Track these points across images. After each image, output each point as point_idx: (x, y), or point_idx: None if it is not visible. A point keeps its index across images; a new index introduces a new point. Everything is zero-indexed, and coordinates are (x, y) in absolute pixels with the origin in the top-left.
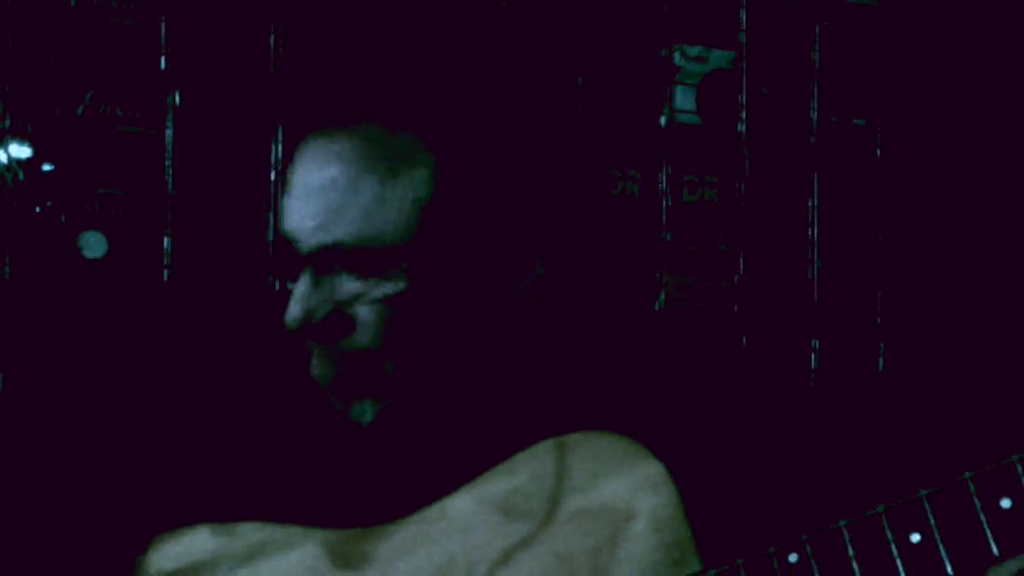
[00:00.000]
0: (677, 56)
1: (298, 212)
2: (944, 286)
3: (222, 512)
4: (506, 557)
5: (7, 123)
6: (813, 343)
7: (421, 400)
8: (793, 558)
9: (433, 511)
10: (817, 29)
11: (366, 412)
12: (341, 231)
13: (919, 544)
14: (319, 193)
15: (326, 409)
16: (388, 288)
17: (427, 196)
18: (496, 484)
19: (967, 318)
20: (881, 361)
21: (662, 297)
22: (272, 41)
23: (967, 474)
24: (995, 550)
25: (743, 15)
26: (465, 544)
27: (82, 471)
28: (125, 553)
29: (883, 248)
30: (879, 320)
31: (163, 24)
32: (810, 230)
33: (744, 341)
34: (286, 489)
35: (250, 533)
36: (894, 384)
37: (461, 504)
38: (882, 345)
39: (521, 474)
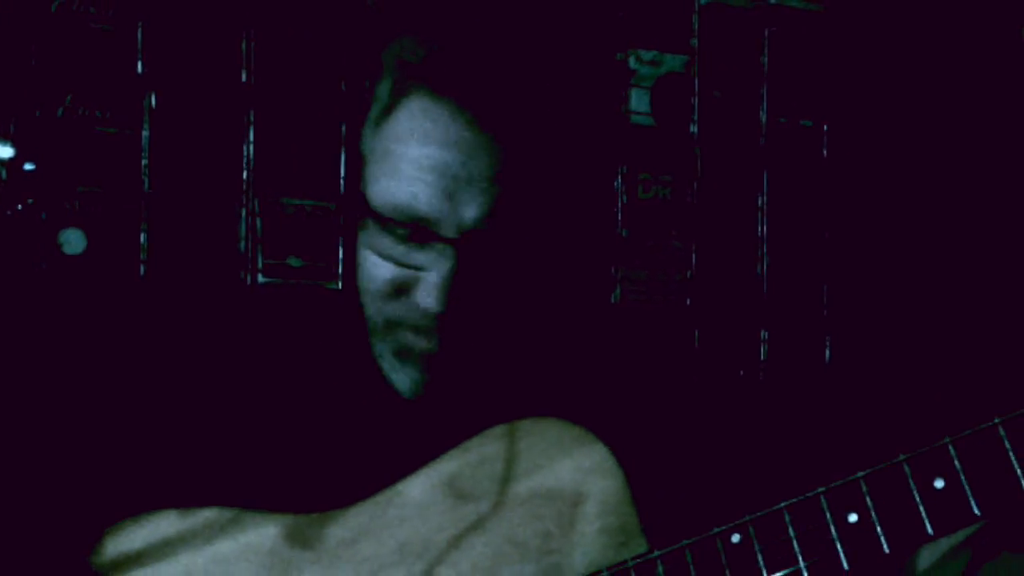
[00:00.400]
0: (632, 60)
1: (447, 194)
2: (887, 281)
3: (191, 496)
4: (459, 540)
5: None
6: (762, 335)
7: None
8: (736, 539)
9: (389, 495)
10: (766, 34)
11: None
12: (501, 218)
13: (856, 524)
14: (479, 179)
15: (295, 399)
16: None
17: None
18: (448, 468)
19: (909, 311)
20: (827, 352)
21: (618, 291)
22: (244, 45)
23: (902, 456)
24: (929, 529)
25: (695, 21)
26: (420, 527)
27: (62, 459)
28: (95, 531)
29: (829, 244)
30: (825, 313)
31: (139, 29)
32: (759, 227)
33: (696, 333)
34: (251, 475)
35: (213, 517)
36: (839, 374)
37: (415, 488)
38: (828, 337)
39: (472, 457)
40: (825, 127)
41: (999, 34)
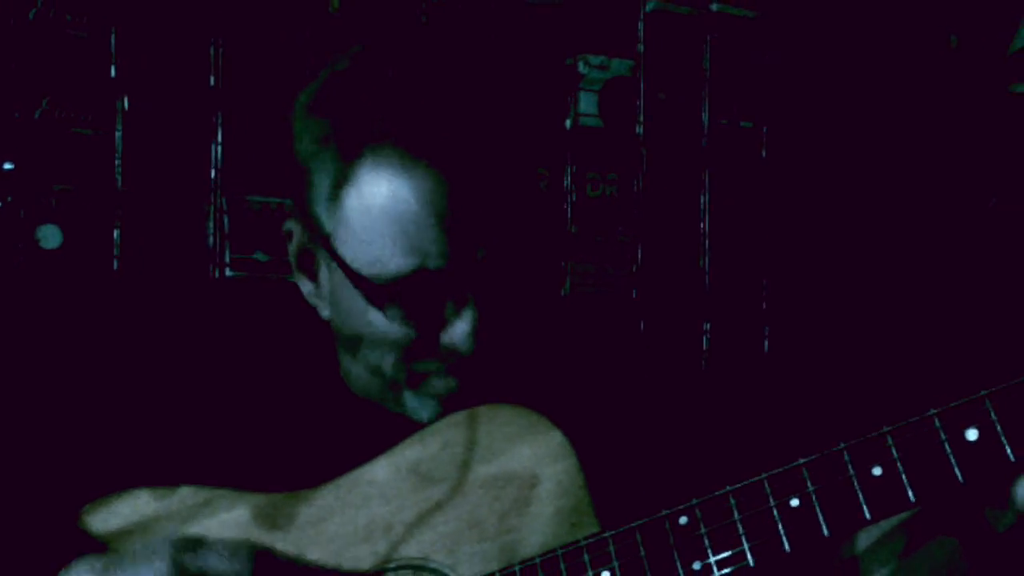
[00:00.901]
0: (581, 64)
1: (454, 240)
2: (823, 275)
3: (163, 476)
4: (421, 520)
5: None
6: (704, 326)
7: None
8: (683, 521)
9: (354, 476)
10: (708, 40)
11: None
12: (494, 248)
13: (798, 508)
14: (469, 218)
15: (260, 386)
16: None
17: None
18: (411, 452)
19: (844, 304)
20: (766, 343)
21: (567, 284)
22: (212, 51)
23: (842, 444)
24: (867, 514)
25: (641, 28)
26: (385, 508)
27: (40, 442)
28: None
29: (768, 240)
30: (764, 306)
31: (113, 36)
32: (702, 223)
33: (642, 324)
34: (220, 462)
35: (187, 496)
36: (777, 364)
37: (379, 470)
38: (767, 328)
39: (434, 443)
40: (764, 128)
41: (929, 40)
